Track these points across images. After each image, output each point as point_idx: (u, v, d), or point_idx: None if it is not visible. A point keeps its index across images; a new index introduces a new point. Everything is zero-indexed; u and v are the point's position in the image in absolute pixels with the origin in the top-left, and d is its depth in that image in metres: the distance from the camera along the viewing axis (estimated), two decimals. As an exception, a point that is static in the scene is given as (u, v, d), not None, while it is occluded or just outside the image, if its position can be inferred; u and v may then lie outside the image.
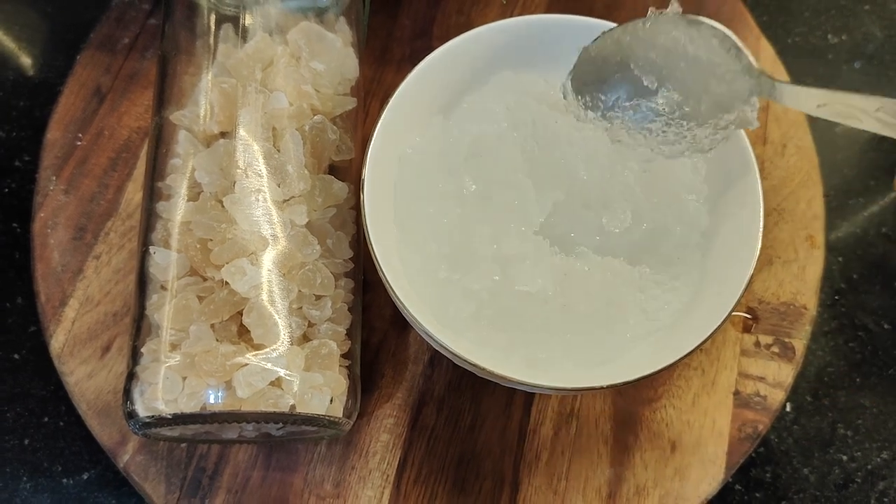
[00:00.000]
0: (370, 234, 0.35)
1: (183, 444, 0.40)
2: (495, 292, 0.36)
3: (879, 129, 0.31)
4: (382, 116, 0.37)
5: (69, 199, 0.45)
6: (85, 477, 0.42)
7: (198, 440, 0.39)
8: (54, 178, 0.46)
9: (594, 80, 0.37)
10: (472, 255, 0.37)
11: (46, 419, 0.44)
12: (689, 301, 0.38)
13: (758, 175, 0.37)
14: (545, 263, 0.37)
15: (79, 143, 0.47)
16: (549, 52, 0.41)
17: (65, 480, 0.42)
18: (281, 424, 0.34)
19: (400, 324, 0.43)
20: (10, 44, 0.53)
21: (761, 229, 0.36)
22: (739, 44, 0.35)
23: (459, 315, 0.36)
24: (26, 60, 0.53)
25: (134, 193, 0.45)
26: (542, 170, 0.39)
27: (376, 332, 0.43)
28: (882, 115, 0.30)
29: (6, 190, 0.49)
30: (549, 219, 0.38)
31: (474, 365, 0.33)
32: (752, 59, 0.35)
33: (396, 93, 0.38)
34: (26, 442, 0.43)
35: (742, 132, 0.37)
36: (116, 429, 0.40)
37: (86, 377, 0.41)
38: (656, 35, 0.36)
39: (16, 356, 0.45)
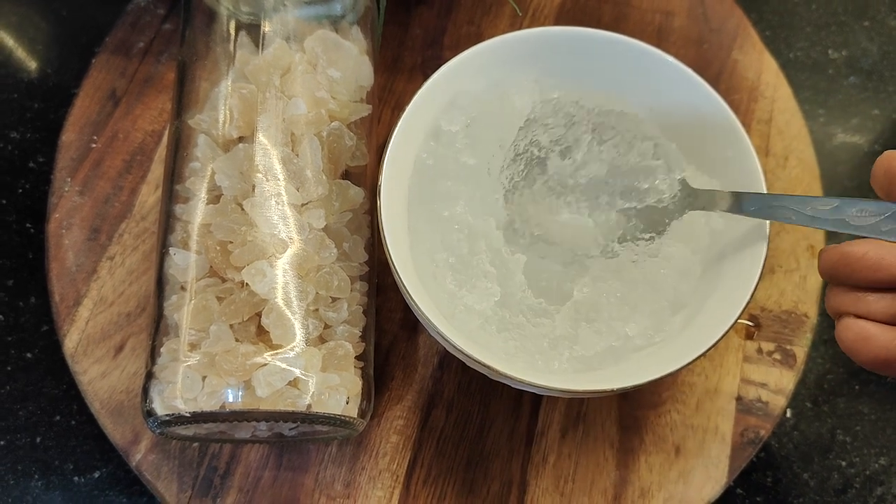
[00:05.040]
0: (386, 238, 0.35)
1: (195, 444, 0.41)
2: (503, 304, 0.37)
3: (809, 224, 0.33)
4: (399, 124, 0.38)
5: (84, 200, 0.46)
6: (96, 475, 0.43)
7: (211, 439, 0.39)
8: (69, 179, 0.46)
9: None
10: (474, 270, 0.38)
11: (58, 418, 0.44)
12: (695, 310, 0.39)
13: (765, 188, 0.38)
14: (546, 281, 0.38)
15: (94, 145, 0.47)
16: (559, 62, 0.42)
17: (76, 479, 0.43)
18: (295, 424, 0.35)
19: (410, 327, 0.44)
20: (25, 46, 0.54)
21: (767, 241, 0.37)
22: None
23: (468, 323, 0.37)
24: (41, 63, 0.53)
25: (148, 196, 0.46)
26: (548, 183, 0.40)
27: (386, 335, 0.43)
28: (815, 207, 0.32)
29: (20, 190, 0.49)
30: (551, 233, 0.39)
31: (487, 366, 0.34)
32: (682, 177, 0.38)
33: (413, 100, 0.39)
34: (38, 440, 0.43)
35: (751, 145, 0.38)
36: (129, 428, 0.41)
37: (99, 376, 0.42)
38: None
39: (28, 355, 0.45)
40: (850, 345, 0.29)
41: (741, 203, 0.36)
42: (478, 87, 0.42)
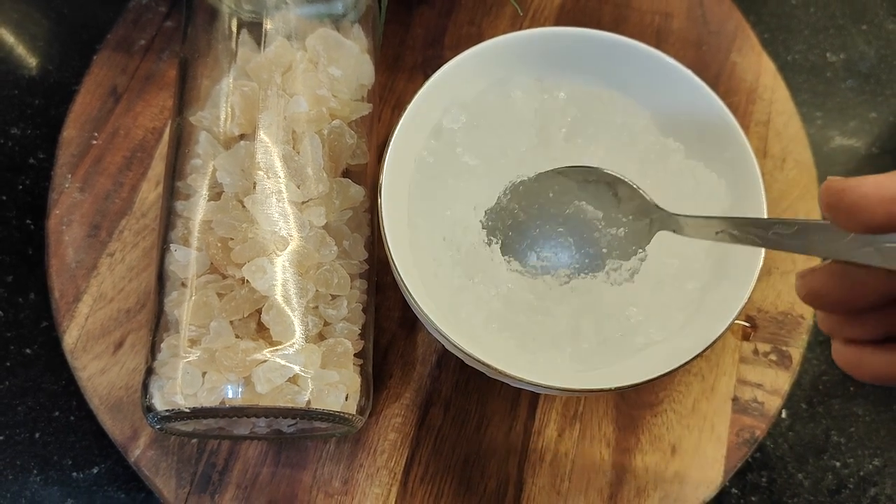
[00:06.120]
0: (387, 236, 0.36)
1: (194, 441, 0.41)
2: (506, 302, 0.38)
3: (774, 248, 0.30)
4: (400, 122, 0.38)
5: (84, 196, 0.46)
6: (95, 471, 0.43)
7: (210, 436, 0.39)
8: (70, 175, 0.46)
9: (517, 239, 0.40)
10: (474, 269, 0.38)
11: (57, 413, 0.44)
12: (693, 310, 0.39)
13: (762, 190, 0.38)
14: (547, 281, 0.38)
15: (94, 141, 0.47)
16: (558, 62, 0.42)
17: (74, 474, 0.43)
18: (294, 421, 0.35)
19: (408, 326, 0.44)
20: (26, 43, 0.54)
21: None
22: (635, 186, 0.37)
23: (470, 321, 0.37)
24: (42, 60, 0.53)
25: (148, 192, 0.46)
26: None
27: (385, 333, 0.44)
28: (777, 231, 0.30)
29: (20, 187, 0.49)
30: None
31: (486, 365, 0.34)
32: (648, 198, 0.37)
33: (414, 99, 0.39)
34: (37, 436, 0.44)
35: (749, 147, 0.39)
36: (128, 424, 0.41)
37: (98, 372, 0.42)
38: (556, 196, 0.39)
39: (28, 351, 0.45)
40: (845, 368, 0.28)
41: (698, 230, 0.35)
42: (478, 87, 0.42)
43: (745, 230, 0.31)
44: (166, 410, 0.33)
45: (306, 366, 0.33)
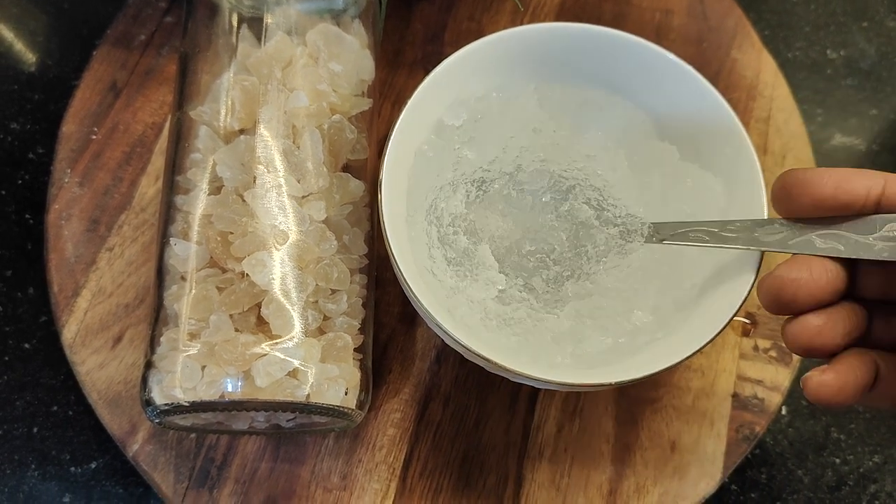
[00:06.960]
0: (387, 231, 0.36)
1: (192, 435, 0.41)
2: (499, 302, 0.37)
3: (725, 244, 0.34)
4: (400, 118, 0.38)
5: (83, 191, 0.46)
6: (93, 466, 0.43)
7: (208, 430, 0.39)
8: (69, 170, 0.46)
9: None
10: (473, 265, 0.38)
11: (55, 408, 0.44)
12: (693, 308, 0.39)
13: (763, 186, 0.38)
14: (548, 276, 0.38)
15: (94, 136, 0.47)
16: (558, 58, 0.42)
17: (73, 469, 0.43)
18: (293, 415, 0.35)
19: (408, 321, 0.44)
20: (25, 38, 0.54)
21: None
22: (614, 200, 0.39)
23: (466, 320, 0.37)
24: (42, 55, 0.53)
25: (147, 187, 0.46)
26: (550, 178, 0.40)
27: (384, 328, 0.43)
28: (728, 229, 0.34)
29: (20, 181, 0.49)
30: (556, 227, 0.39)
31: (486, 359, 0.34)
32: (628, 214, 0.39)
33: (414, 94, 0.39)
34: (35, 430, 0.43)
35: (750, 144, 0.39)
36: (126, 418, 0.41)
37: (97, 367, 0.42)
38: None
39: (26, 345, 0.45)
40: (821, 399, 0.29)
41: (659, 233, 0.37)
42: (479, 82, 0.42)
43: (699, 231, 0.35)
44: (165, 404, 0.33)
45: (306, 360, 0.33)
